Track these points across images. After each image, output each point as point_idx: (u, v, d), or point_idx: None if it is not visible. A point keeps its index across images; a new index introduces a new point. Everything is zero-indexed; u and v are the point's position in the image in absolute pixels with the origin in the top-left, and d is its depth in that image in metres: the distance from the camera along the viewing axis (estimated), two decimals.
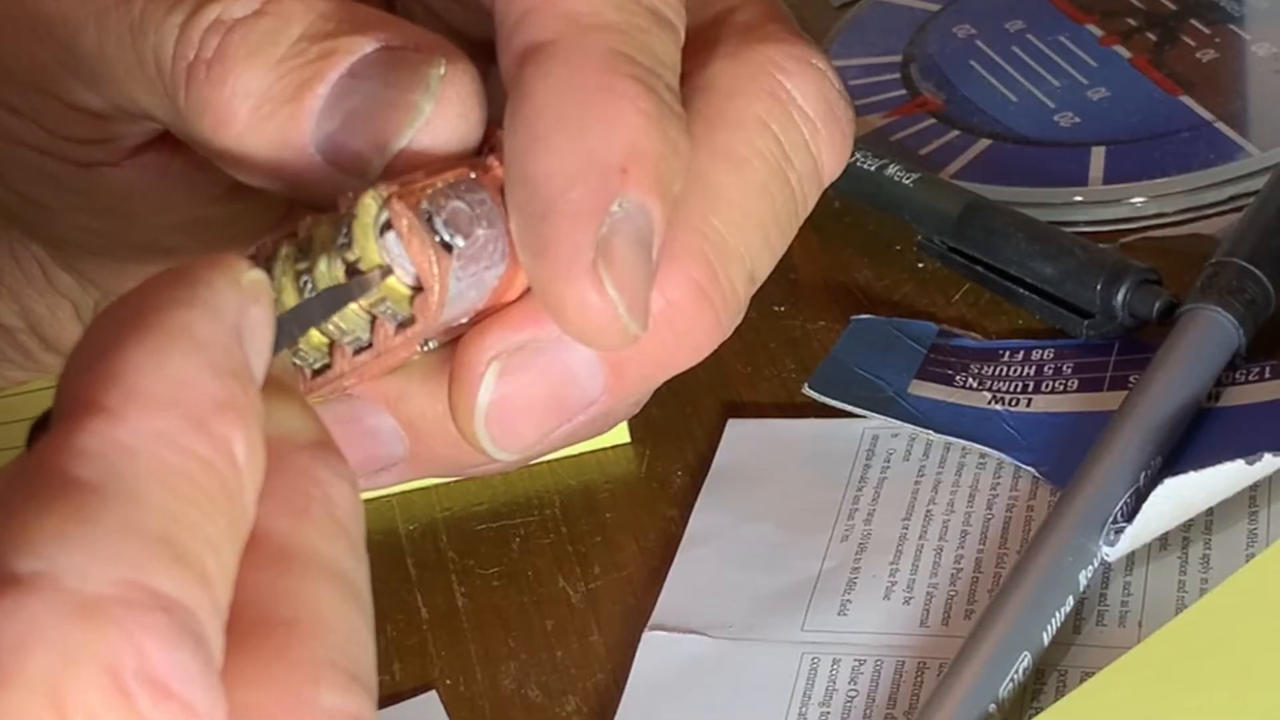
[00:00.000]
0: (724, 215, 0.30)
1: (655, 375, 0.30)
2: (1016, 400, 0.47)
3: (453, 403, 0.29)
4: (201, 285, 0.22)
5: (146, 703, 0.19)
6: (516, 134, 0.28)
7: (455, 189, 0.28)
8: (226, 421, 0.22)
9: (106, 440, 0.21)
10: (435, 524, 0.48)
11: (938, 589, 0.43)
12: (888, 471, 0.47)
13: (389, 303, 0.28)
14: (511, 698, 0.43)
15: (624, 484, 0.48)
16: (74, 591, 0.19)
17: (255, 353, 0.23)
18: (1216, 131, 0.56)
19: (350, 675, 0.22)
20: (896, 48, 0.64)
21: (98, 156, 0.34)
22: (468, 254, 0.28)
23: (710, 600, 0.44)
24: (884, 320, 0.51)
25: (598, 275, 0.27)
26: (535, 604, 0.45)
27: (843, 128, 0.31)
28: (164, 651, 0.20)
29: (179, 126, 0.31)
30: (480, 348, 0.29)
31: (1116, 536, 0.41)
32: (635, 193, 0.27)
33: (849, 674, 0.41)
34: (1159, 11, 0.63)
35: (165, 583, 0.20)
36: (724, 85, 0.30)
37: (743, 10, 0.32)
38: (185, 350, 0.22)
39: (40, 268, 0.38)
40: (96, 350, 0.22)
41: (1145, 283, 0.48)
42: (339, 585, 0.23)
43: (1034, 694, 0.40)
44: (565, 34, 0.28)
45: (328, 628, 0.22)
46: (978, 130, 0.59)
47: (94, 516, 0.20)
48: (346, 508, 0.24)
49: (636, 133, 0.27)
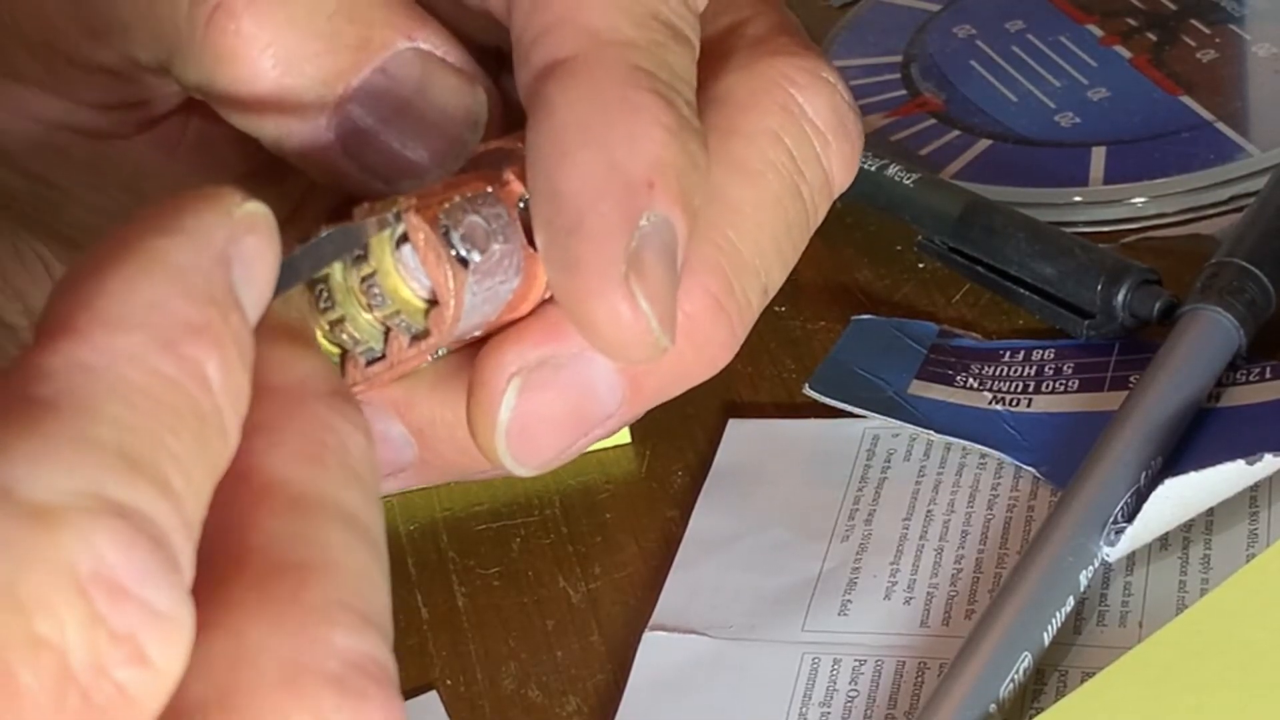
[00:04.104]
0: (739, 228, 0.30)
1: (672, 388, 0.31)
2: (1017, 400, 0.47)
3: (472, 419, 0.29)
4: (187, 214, 0.23)
5: (104, 603, 0.20)
6: (541, 148, 0.28)
7: (472, 203, 0.28)
8: (200, 345, 0.22)
9: (66, 359, 0.21)
10: (435, 524, 0.48)
11: (938, 589, 0.43)
12: (888, 471, 0.47)
13: (403, 315, 0.28)
14: (511, 698, 0.43)
15: (624, 484, 0.48)
16: (26, 500, 0.20)
17: (249, 281, 0.23)
18: (1216, 131, 0.56)
19: (363, 617, 0.22)
20: (896, 48, 0.64)
21: (108, 126, 0.34)
22: (484, 269, 0.28)
23: (710, 600, 0.44)
24: (884, 320, 0.51)
25: (630, 288, 0.27)
26: (535, 604, 0.45)
27: (852, 140, 0.32)
28: (119, 553, 0.20)
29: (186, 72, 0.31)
30: (500, 364, 0.29)
31: (1117, 536, 0.41)
32: (661, 206, 0.27)
33: (849, 674, 0.41)
34: (1159, 11, 0.63)
35: (121, 491, 0.20)
36: (737, 98, 0.31)
37: (754, 22, 0.32)
38: (159, 275, 0.22)
39: (44, 266, 0.38)
40: (74, 279, 0.22)
41: (1145, 283, 0.48)
42: (353, 530, 0.23)
43: (1034, 694, 0.40)
44: (586, 50, 0.28)
45: (340, 570, 0.22)
46: (978, 130, 0.59)
47: (47, 431, 0.20)
48: (360, 456, 0.24)
49: (660, 147, 0.28)
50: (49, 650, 0.19)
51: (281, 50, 0.30)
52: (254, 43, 0.29)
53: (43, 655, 0.19)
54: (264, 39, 0.29)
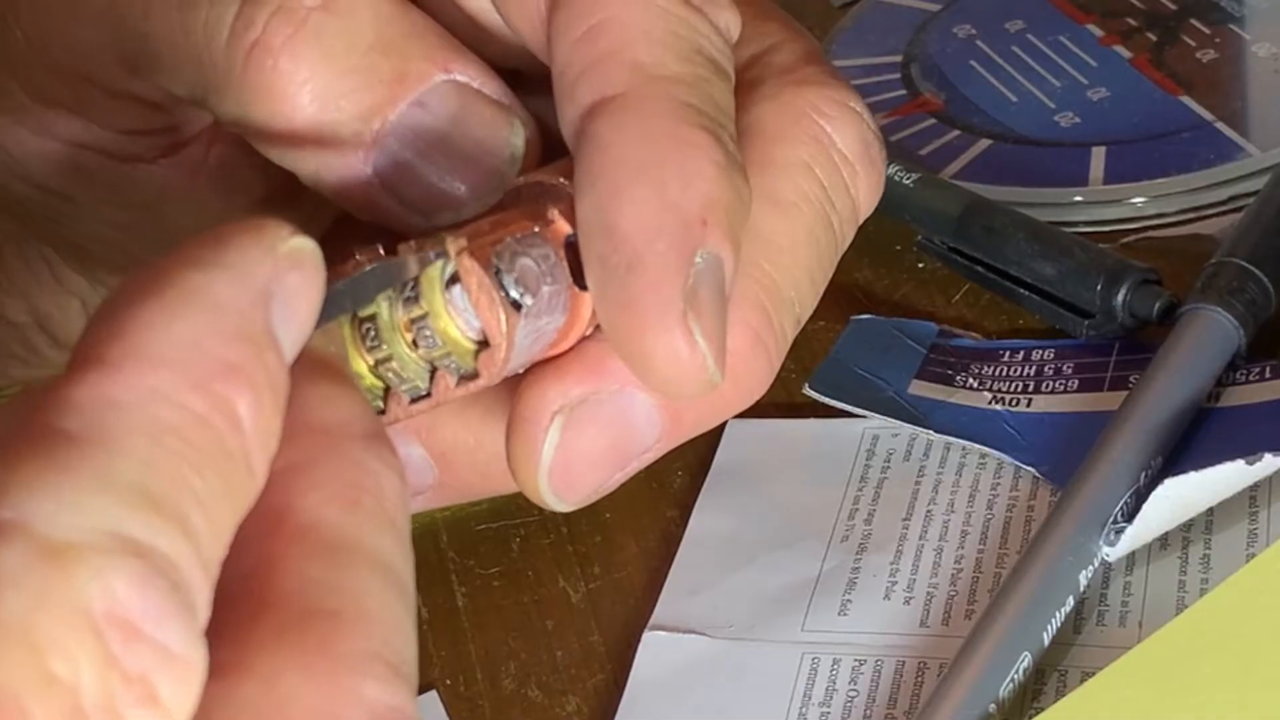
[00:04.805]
0: (775, 261, 0.30)
1: (709, 420, 0.31)
2: (1017, 400, 0.47)
3: (514, 455, 0.29)
4: (231, 248, 0.22)
5: (117, 643, 0.20)
6: (595, 186, 0.28)
7: (523, 244, 0.28)
8: (231, 383, 0.22)
9: (95, 393, 0.21)
10: (435, 524, 0.48)
11: (938, 589, 0.43)
12: (888, 471, 0.47)
13: (452, 356, 0.27)
14: (511, 698, 0.43)
15: (624, 484, 0.48)
16: (43, 538, 0.20)
17: (289, 318, 0.23)
18: (1216, 131, 0.56)
19: (393, 668, 0.22)
20: (896, 48, 0.64)
21: (135, 151, 0.34)
22: (534, 311, 0.28)
23: (710, 600, 0.44)
24: (884, 320, 0.51)
25: (689, 326, 0.27)
26: (535, 604, 0.45)
27: (878, 168, 0.32)
28: (135, 593, 0.20)
29: (222, 106, 0.31)
30: (543, 402, 0.29)
31: (1117, 536, 0.41)
32: (713, 243, 0.28)
33: (849, 674, 0.41)
34: (1159, 11, 0.63)
35: (140, 529, 0.20)
36: (768, 130, 0.31)
37: (780, 50, 0.32)
38: (197, 311, 0.22)
39: (49, 267, 0.38)
40: (112, 309, 0.22)
41: (1145, 283, 0.48)
42: (385, 578, 0.23)
43: (1034, 694, 0.40)
44: (634, 86, 0.28)
45: (373, 620, 0.22)
46: (978, 130, 0.59)
47: (69, 465, 0.20)
48: (395, 500, 0.24)
49: (711, 184, 0.28)
50: (62, 689, 0.19)
51: (318, 85, 0.29)
52: (291, 78, 0.29)
53: (55, 694, 0.19)
54: (301, 75, 0.29)
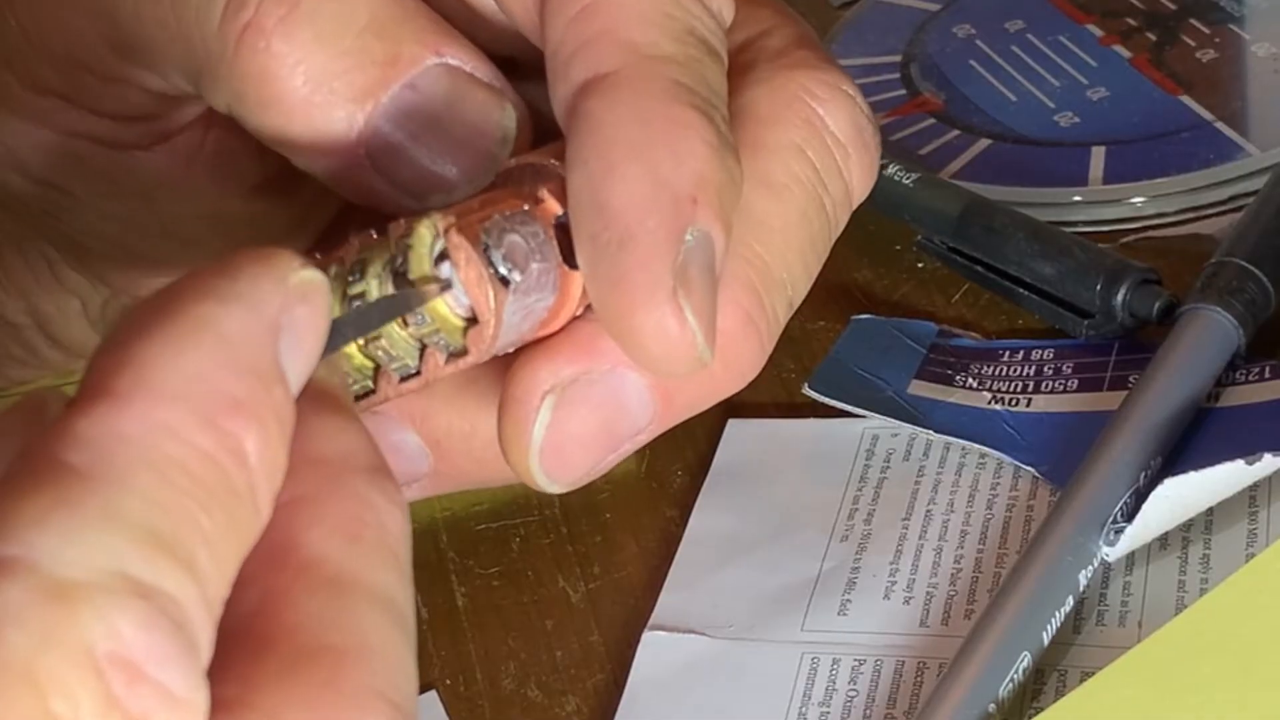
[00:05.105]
0: (767, 243, 0.30)
1: (702, 402, 0.31)
2: (1016, 400, 0.47)
3: (505, 436, 0.29)
4: (243, 279, 0.22)
5: (120, 684, 0.20)
6: (586, 162, 0.28)
7: (511, 221, 0.28)
8: (239, 419, 0.21)
9: (104, 427, 0.21)
10: (435, 524, 0.48)
11: (938, 589, 0.43)
12: (888, 471, 0.47)
13: (441, 333, 0.27)
14: (511, 698, 0.43)
15: (624, 484, 0.48)
16: (49, 576, 0.20)
17: (295, 353, 0.23)
18: (1216, 131, 0.56)
19: (395, 706, 0.22)
20: (896, 48, 0.64)
21: (129, 139, 0.34)
22: (523, 288, 0.28)
23: (710, 600, 0.44)
24: (884, 320, 0.51)
25: (678, 303, 0.27)
26: (535, 604, 0.45)
27: (871, 152, 0.32)
28: (138, 634, 0.20)
29: (215, 89, 0.31)
30: (534, 382, 0.29)
31: (1116, 536, 0.41)
32: (704, 221, 0.28)
33: (849, 674, 0.41)
34: (1159, 11, 0.63)
35: (145, 569, 0.20)
36: (761, 112, 0.31)
37: (773, 35, 0.32)
38: (207, 344, 0.22)
39: (48, 265, 0.38)
40: (122, 338, 0.22)
41: (1145, 283, 0.48)
42: (388, 614, 0.23)
43: (1034, 694, 0.40)
44: (628, 65, 0.28)
45: (376, 657, 0.22)
46: (978, 130, 0.59)
47: (76, 501, 0.20)
48: (398, 535, 0.24)
49: (703, 163, 0.28)
50: None
51: (311, 68, 0.29)
52: (284, 61, 0.29)
53: None
54: (294, 57, 0.29)
